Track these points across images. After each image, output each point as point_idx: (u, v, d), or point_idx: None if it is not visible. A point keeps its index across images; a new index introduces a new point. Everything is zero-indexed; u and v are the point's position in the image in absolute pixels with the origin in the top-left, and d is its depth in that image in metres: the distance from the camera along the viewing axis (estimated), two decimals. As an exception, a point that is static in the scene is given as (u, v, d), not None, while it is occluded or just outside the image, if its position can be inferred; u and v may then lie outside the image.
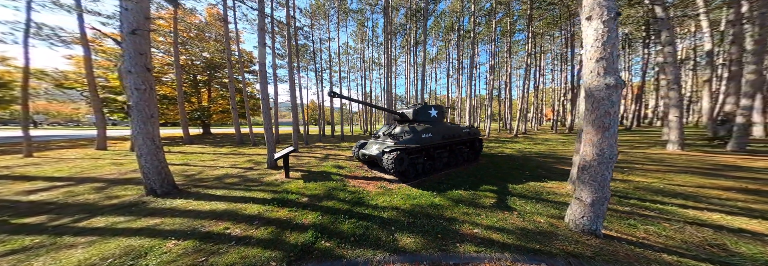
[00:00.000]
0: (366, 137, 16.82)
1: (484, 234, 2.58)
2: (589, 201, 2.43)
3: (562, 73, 22.96)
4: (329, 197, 3.90)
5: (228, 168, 6.21)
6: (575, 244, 2.37)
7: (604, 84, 2.27)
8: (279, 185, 4.70)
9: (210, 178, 5.22)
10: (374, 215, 3.16)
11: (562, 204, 3.42)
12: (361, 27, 18.87)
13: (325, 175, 5.37)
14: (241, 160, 7.46)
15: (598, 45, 2.31)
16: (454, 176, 5.20)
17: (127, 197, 3.98)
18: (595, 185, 2.39)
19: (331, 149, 10.30)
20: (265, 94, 6.01)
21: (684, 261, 2.14)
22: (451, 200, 3.63)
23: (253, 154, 8.72)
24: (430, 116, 5.74)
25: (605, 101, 2.28)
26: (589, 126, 2.41)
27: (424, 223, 2.86)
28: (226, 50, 11.50)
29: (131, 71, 3.80)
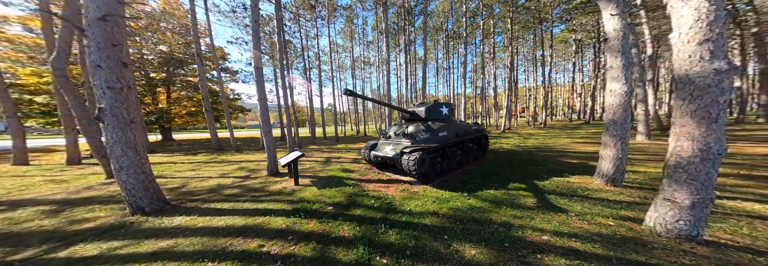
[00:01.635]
0: (362, 138, 15.83)
1: (559, 241, 2.18)
2: (687, 203, 1.90)
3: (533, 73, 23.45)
4: (355, 205, 3.34)
5: (218, 178, 5.24)
6: (683, 254, 1.94)
7: (713, 69, 1.72)
8: (291, 193, 3.92)
9: (202, 190, 4.36)
10: (415, 222, 2.71)
11: (610, 202, 3.10)
12: (350, 24, 17.46)
13: (336, 180, 4.74)
14: (230, 168, 6.36)
15: (701, 25, 1.77)
16: (472, 174, 4.84)
17: (104, 219, 3.14)
18: (696, 186, 1.88)
19: (328, 151, 9.39)
20: (263, 94, 5.11)
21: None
22: (487, 201, 3.24)
23: (241, 161, 7.51)
24: (441, 114, 5.29)
25: (713, 88, 1.73)
26: (687, 117, 1.86)
27: (479, 230, 2.45)
28: (195, 45, 9.26)
29: (101, 66, 2.78)
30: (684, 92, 1.96)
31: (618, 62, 3.70)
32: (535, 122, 18.99)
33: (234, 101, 18.37)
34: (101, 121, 2.88)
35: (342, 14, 14.48)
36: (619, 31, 3.69)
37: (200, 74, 9.27)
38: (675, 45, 2.00)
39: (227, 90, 17.65)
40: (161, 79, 15.21)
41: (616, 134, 3.70)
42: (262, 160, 7.32)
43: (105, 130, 2.91)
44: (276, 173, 5.32)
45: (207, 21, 9.79)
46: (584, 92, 26.20)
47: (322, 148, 10.57)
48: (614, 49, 3.73)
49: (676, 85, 2.01)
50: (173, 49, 14.92)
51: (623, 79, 3.68)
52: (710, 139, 1.87)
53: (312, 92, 12.98)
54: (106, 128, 2.89)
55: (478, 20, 14.66)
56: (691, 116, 1.93)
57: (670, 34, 2.03)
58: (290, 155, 4.70)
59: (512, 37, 13.96)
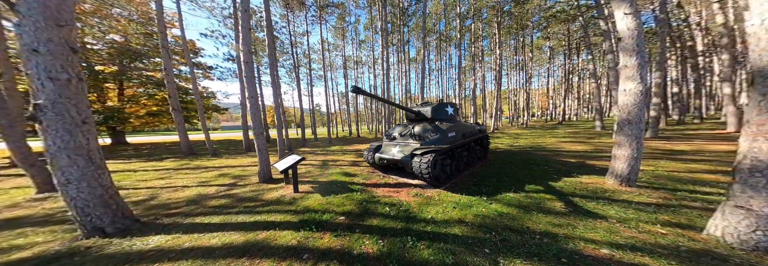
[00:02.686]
0: (356, 139, 14.97)
1: (624, 255, 1.82)
2: (767, 212, 1.50)
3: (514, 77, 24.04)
4: (369, 214, 2.88)
5: (197, 187, 4.40)
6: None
7: None
8: (293, 202, 3.33)
9: (179, 203, 3.63)
10: (443, 233, 2.31)
11: (638, 205, 2.82)
12: (342, 22, 16.41)
13: (339, 185, 4.21)
14: (210, 175, 5.43)
15: None
16: (481, 176, 4.52)
17: (44, 245, 2.40)
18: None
19: (323, 154, 8.60)
20: (254, 92, 4.41)
21: None
22: (512, 206, 2.90)
23: (222, 166, 6.49)
24: (447, 114, 4.96)
25: None
26: (765, 114, 1.45)
27: (521, 241, 2.09)
28: (161, 36, 7.70)
29: (39, 51, 1.99)
30: (765, 87, 1.63)
31: (632, 61, 3.47)
32: (518, 123, 19.39)
33: (208, 99, 16.30)
34: (37, 121, 2.07)
35: (334, 11, 13.44)
36: (633, 31, 3.47)
37: (167, 68, 7.94)
38: (755, 33, 1.68)
39: (201, 88, 15.63)
40: (112, 73, 12.11)
41: (631, 133, 3.47)
42: (249, 165, 6.50)
43: (45, 133, 2.15)
44: (269, 180, 4.64)
45: (177, 10, 8.35)
46: (555, 95, 27.41)
47: (315, 150, 9.78)
48: (628, 49, 3.50)
49: (753, 79, 1.68)
50: (129, 40, 12.28)
51: (638, 78, 3.45)
52: None
53: (301, 91, 11.96)
54: (47, 130, 2.13)
55: (468, 23, 14.55)
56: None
57: (748, 21, 1.70)
58: (287, 159, 4.04)
59: (499, 42, 13.98)
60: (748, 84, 1.76)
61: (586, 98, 31.99)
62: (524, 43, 18.05)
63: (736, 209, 1.86)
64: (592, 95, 29.52)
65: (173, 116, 8.44)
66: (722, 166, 4.41)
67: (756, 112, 1.72)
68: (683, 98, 18.48)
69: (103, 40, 11.76)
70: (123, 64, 12.44)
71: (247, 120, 9.10)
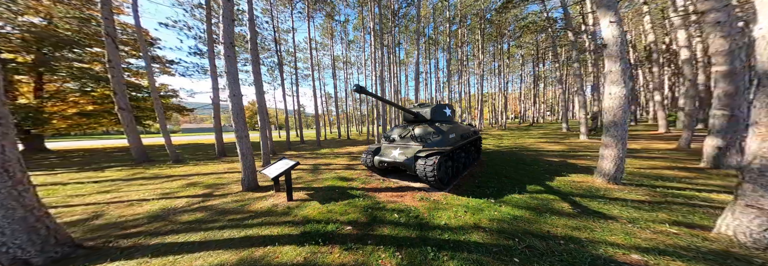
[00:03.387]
0: (346, 142, 14.20)
1: (658, 261, 1.72)
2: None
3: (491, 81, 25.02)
4: (377, 222, 2.61)
5: (160, 200, 3.71)
6: None
7: None
8: (288, 212, 2.94)
9: (137, 220, 3.01)
10: (463, 241, 2.13)
11: (634, 203, 2.85)
12: (330, 20, 15.62)
13: (338, 191, 3.88)
14: (175, 185, 4.62)
15: None
16: (480, 177, 4.45)
17: None
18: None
19: (313, 158, 8.00)
20: (237, 90, 3.97)
21: None
22: (521, 208, 2.82)
23: (190, 175, 5.56)
24: (445, 115, 4.87)
25: None
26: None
27: (547, 248, 1.96)
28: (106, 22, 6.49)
29: None
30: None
31: (616, 67, 3.60)
32: (498, 125, 20.21)
33: (167, 98, 13.86)
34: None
35: (322, 8, 12.71)
36: (617, 38, 3.61)
37: (112, 61, 6.66)
38: (764, 37, 1.70)
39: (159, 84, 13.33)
40: (29, 63, 9.61)
41: (617, 134, 3.60)
42: (225, 172, 5.78)
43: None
44: (255, 188, 4.13)
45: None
46: (525, 100, 29.25)
47: (303, 154, 9.09)
48: (613, 55, 3.63)
49: (761, 81, 1.70)
50: (56, 24, 9.78)
51: (622, 82, 3.59)
52: None
53: (285, 91, 11.15)
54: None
55: (455, 27, 14.86)
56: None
57: (756, 26, 1.72)
58: (279, 165, 3.59)
59: (482, 47, 14.43)
60: (756, 86, 1.80)
61: (549, 102, 34.66)
62: (501, 50, 19.04)
63: (747, 208, 1.88)
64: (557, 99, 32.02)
65: (120, 117, 7.01)
66: (675, 163, 4.92)
67: (764, 114, 1.76)
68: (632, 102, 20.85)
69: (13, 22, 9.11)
70: (44, 53, 9.80)
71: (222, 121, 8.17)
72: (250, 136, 4.31)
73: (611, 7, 3.65)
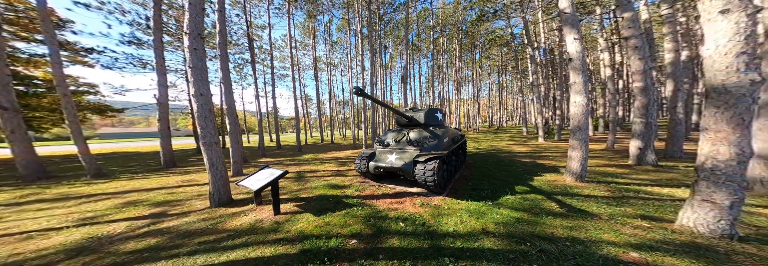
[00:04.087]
0: (329, 147, 13.21)
1: (655, 258, 1.85)
2: (726, 204, 1.94)
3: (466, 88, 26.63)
4: (383, 233, 2.43)
5: (81, 228, 2.86)
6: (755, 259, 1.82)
7: (749, 80, 1.74)
8: (278, 228, 2.67)
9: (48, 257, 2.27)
10: (477, 248, 2.09)
11: (604, 199, 3.19)
12: (312, 20, 14.60)
13: (331, 200, 3.57)
14: (101, 207, 3.62)
15: (740, 39, 1.83)
16: (471, 179, 4.57)
17: None
18: (733, 187, 1.92)
19: (295, 164, 7.31)
20: (205, 89, 3.53)
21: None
22: (518, 210, 2.92)
23: (125, 192, 4.46)
24: (438, 120, 4.96)
25: (746, 97, 1.74)
26: (723, 124, 1.90)
27: (558, 251, 2.00)
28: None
29: None
30: (719, 100, 2.01)
31: (579, 79, 4.08)
32: (471, 128, 21.51)
33: (80, 94, 11.03)
34: None
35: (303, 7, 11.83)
36: (579, 53, 4.10)
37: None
38: (710, 56, 2.05)
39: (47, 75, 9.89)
40: None
41: (581, 138, 4.05)
42: (178, 185, 4.89)
43: None
44: (227, 202, 3.53)
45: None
46: (492, 106, 32.03)
47: (282, 161, 8.25)
48: (576, 68, 4.10)
49: (709, 94, 2.05)
50: None
51: (584, 92, 4.07)
52: (744, 143, 1.94)
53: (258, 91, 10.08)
54: None
55: (436, 35, 15.46)
56: (727, 122, 1.99)
57: (704, 46, 2.07)
58: (261, 175, 3.16)
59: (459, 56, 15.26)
60: (705, 98, 2.17)
61: (509, 109, 38.74)
62: (473, 59, 20.59)
63: (704, 202, 2.14)
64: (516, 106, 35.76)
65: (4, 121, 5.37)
66: (610, 161, 5.81)
67: (712, 121, 2.10)
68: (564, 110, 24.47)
69: None
70: None
71: (172, 125, 6.93)
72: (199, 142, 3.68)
73: (575, 25, 4.17)
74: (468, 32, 16.13)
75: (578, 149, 4.14)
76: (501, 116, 28.48)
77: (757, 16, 2.02)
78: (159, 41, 7.34)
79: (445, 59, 18.97)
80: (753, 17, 1.92)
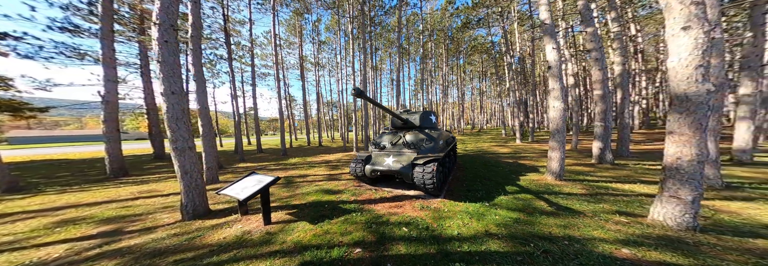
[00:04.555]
0: (318, 150, 12.45)
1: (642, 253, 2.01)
2: (690, 199, 2.25)
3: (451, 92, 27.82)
4: (387, 240, 2.35)
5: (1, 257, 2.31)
6: (723, 249, 2.04)
7: (706, 89, 2.05)
8: (270, 240, 2.50)
9: None
10: (485, 251, 2.10)
11: (582, 196, 3.46)
12: (299, 18, 13.75)
13: (327, 207, 3.38)
14: (27, 227, 2.97)
15: (698, 53, 2.14)
16: (464, 181, 4.67)
17: None
18: (694, 184, 2.25)
19: (281, 169, 6.78)
20: (177, 86, 3.15)
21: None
22: (514, 210, 3.03)
23: (59, 208, 3.68)
24: (432, 122, 5.02)
25: (704, 104, 2.05)
26: (685, 128, 2.21)
27: (561, 251, 2.07)
28: None
29: None
30: (681, 107, 2.30)
31: (557, 85, 4.46)
32: (455, 130, 22.21)
33: None
34: None
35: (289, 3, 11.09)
36: (557, 62, 4.47)
37: None
38: (674, 68, 2.33)
39: None
40: None
41: (559, 140, 4.42)
42: (132, 197, 4.20)
43: None
44: (204, 214, 3.16)
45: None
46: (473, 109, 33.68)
47: (266, 165, 7.60)
48: (555, 76, 4.47)
49: (672, 101, 2.35)
50: None
51: (561, 98, 4.45)
52: (702, 145, 2.24)
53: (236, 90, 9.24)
54: None
55: (424, 39, 15.74)
56: (688, 127, 2.27)
57: (669, 58, 2.38)
58: (247, 182, 2.88)
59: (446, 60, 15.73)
60: (669, 105, 2.49)
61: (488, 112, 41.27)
62: (458, 64, 21.51)
63: (671, 198, 2.38)
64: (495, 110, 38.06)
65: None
66: (577, 160, 6.44)
67: (677, 125, 2.37)
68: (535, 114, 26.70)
69: None
70: None
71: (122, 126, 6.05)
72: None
73: (553, 35, 4.57)
74: (454, 38, 16.90)
75: (557, 150, 4.50)
76: (482, 119, 30.22)
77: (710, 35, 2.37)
78: (108, 30, 6.38)
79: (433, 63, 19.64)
80: (708, 34, 2.26)
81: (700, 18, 2.24)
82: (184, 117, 3.10)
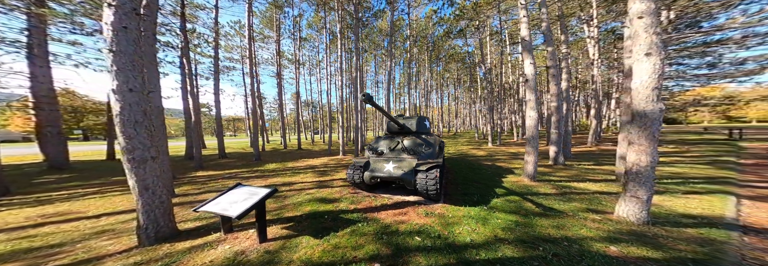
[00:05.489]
0: (300, 153, 11.29)
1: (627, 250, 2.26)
2: (645, 198, 2.68)
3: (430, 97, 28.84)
4: (403, 251, 2.27)
5: None
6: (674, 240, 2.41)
7: (659, 108, 2.55)
8: (275, 259, 2.19)
9: None
10: (501, 258, 2.14)
11: (556, 196, 3.85)
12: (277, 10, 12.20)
13: (328, 217, 3.12)
14: None
15: (655, 77, 2.61)
16: (459, 184, 4.81)
17: None
18: (649, 185, 2.67)
19: (257, 177, 5.95)
20: (139, 82, 2.68)
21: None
22: (511, 213, 3.20)
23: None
24: (426, 127, 5.08)
25: (656, 120, 2.56)
26: (643, 140, 2.73)
27: (567, 253, 2.21)
28: None
29: None
30: (641, 122, 2.75)
31: (532, 97, 5.01)
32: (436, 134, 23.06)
33: None
34: None
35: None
36: (532, 75, 5.02)
37: None
38: (636, 89, 2.78)
39: None
40: None
41: (534, 146, 4.99)
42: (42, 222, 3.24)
43: None
44: (172, 236, 2.60)
45: None
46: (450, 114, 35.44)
47: (237, 173, 6.52)
48: (530, 87, 5.02)
49: (634, 117, 2.84)
50: None
51: (535, 108, 5.00)
52: (655, 153, 2.75)
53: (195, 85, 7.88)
54: None
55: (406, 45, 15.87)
56: (645, 138, 2.73)
57: (632, 80, 2.86)
58: (234, 196, 2.50)
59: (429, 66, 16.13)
60: (631, 119, 3.01)
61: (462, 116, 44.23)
62: (437, 71, 22.43)
63: (632, 198, 2.78)
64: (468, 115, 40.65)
65: None
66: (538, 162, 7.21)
67: (636, 137, 2.84)
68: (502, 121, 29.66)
69: None
70: None
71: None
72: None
73: (530, 51, 5.12)
74: (436, 45, 17.75)
75: (532, 154, 5.04)
76: (457, 123, 32.04)
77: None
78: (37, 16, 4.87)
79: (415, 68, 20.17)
80: (664, 61, 2.80)
81: (659, 46, 2.76)
82: (146, 120, 2.47)
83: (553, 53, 7.12)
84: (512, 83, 17.64)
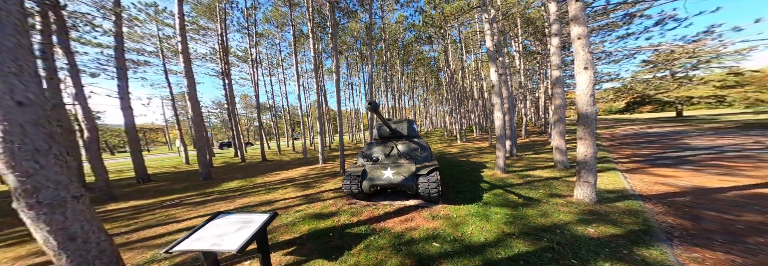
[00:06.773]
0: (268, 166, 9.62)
1: (597, 230, 2.60)
2: (592, 182, 3.36)
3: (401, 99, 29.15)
4: (427, 260, 2.20)
5: None
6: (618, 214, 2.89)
7: (594, 110, 3.31)
8: None
9: None
10: (519, 254, 2.24)
11: (527, 185, 4.31)
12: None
13: (335, 235, 2.80)
14: None
15: (590, 86, 3.28)
16: (449, 183, 4.92)
17: None
18: (594, 171, 3.36)
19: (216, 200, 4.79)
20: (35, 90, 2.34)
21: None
22: (503, 206, 3.39)
23: None
24: (415, 131, 5.02)
25: (593, 120, 3.32)
26: (587, 135, 3.36)
27: (568, 242, 2.41)
28: None
29: None
30: (584, 122, 3.38)
31: (498, 100, 5.70)
32: None
33: None
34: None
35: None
36: (498, 82, 5.71)
37: None
38: (579, 95, 3.40)
39: None
40: None
41: (502, 143, 5.61)
42: None
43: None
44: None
45: None
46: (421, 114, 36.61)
47: (184, 198, 5.06)
48: (496, 93, 5.69)
49: (579, 118, 3.54)
50: None
51: (502, 110, 5.71)
52: (594, 146, 3.47)
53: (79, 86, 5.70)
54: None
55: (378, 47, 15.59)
56: (589, 135, 3.40)
57: (576, 89, 3.57)
58: (220, 228, 2.02)
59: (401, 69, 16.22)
60: (578, 119, 3.75)
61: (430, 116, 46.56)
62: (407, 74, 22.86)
63: (584, 183, 3.29)
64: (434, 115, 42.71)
65: None
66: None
67: (582, 134, 3.45)
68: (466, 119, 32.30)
69: None
70: None
71: None
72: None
73: (495, 61, 5.73)
74: (405, 49, 18.06)
75: (502, 150, 5.64)
76: (426, 122, 33.15)
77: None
78: None
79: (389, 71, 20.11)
80: (595, 73, 3.59)
81: (593, 62, 3.54)
82: (55, 147, 1.65)
83: (503, 63, 8.37)
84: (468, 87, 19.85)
